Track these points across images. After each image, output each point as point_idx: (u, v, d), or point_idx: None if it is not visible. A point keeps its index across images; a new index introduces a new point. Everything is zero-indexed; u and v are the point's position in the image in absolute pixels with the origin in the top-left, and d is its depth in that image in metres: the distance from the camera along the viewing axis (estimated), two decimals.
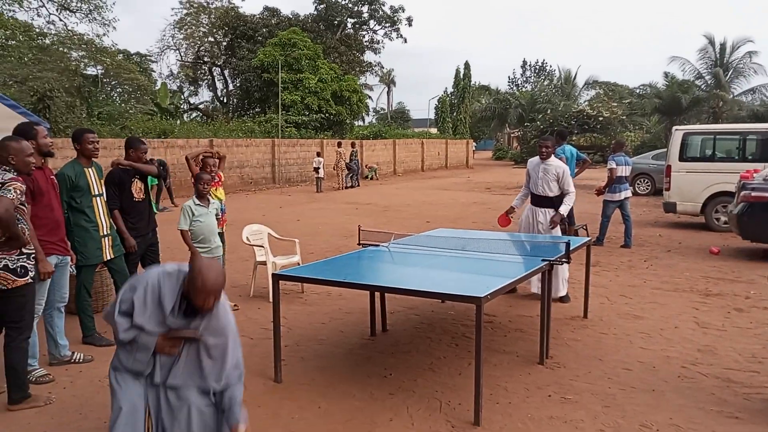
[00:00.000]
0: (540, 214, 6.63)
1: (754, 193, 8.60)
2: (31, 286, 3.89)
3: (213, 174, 6.10)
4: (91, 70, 26.14)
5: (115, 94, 28.33)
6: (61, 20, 27.02)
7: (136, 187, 5.58)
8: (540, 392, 4.20)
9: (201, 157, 6.14)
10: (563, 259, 4.80)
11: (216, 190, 6.13)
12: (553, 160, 6.63)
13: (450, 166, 37.96)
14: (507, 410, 3.90)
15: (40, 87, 18.08)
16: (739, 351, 5.02)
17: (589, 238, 6.22)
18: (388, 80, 67.16)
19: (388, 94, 71.79)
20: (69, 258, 4.67)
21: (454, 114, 48.53)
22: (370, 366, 4.71)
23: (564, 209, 6.48)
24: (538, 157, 6.73)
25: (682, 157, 11.86)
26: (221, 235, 6.04)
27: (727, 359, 4.83)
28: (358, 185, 23.45)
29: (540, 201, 6.65)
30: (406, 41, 45.14)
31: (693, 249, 9.81)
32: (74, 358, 4.76)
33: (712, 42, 35.06)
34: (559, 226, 6.54)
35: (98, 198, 5.07)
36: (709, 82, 35.58)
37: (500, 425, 3.70)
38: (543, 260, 4.67)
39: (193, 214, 5.44)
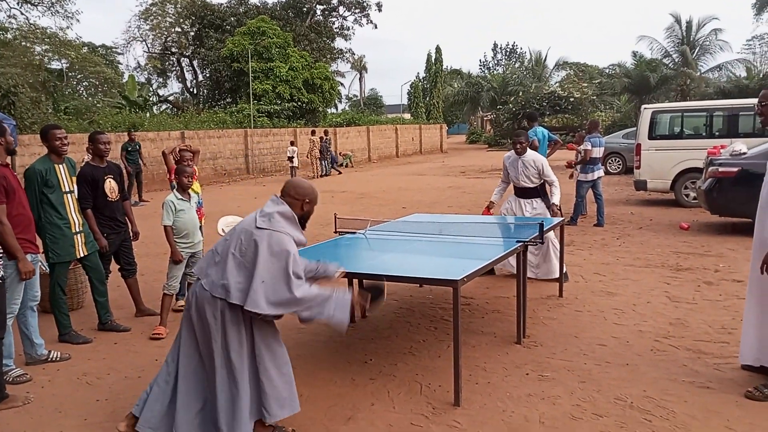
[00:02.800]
0: (526, 204, 6.68)
1: (721, 169, 8.78)
2: (1, 287, 3.84)
3: (191, 165, 6.05)
4: (55, 64, 25.68)
5: (82, 88, 27.86)
6: (22, 14, 26.41)
7: (110, 187, 5.52)
8: (518, 371, 4.28)
9: (178, 150, 6.08)
10: (537, 240, 4.86)
11: (193, 183, 6.08)
12: (529, 153, 6.67)
13: (424, 151, 38.02)
14: (486, 390, 3.97)
15: (3, 83, 17.66)
16: (710, 323, 5.16)
17: (562, 219, 6.30)
18: (360, 67, 66.80)
19: (361, 81, 71.48)
20: (39, 256, 4.61)
21: (427, 99, 48.58)
22: (351, 352, 4.74)
23: (557, 199, 6.52)
24: (512, 152, 6.75)
25: (652, 136, 12.05)
26: (200, 228, 5.99)
27: (698, 331, 4.96)
28: (329, 174, 23.32)
29: (524, 193, 6.72)
30: (376, 27, 45.13)
31: (664, 225, 10.01)
32: (51, 356, 4.71)
33: (678, 20, 35.56)
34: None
35: (69, 195, 5.00)
36: (676, 60, 36.11)
37: (480, 405, 3.76)
38: (518, 241, 4.73)
39: (176, 209, 5.36)
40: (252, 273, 3.10)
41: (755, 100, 3.99)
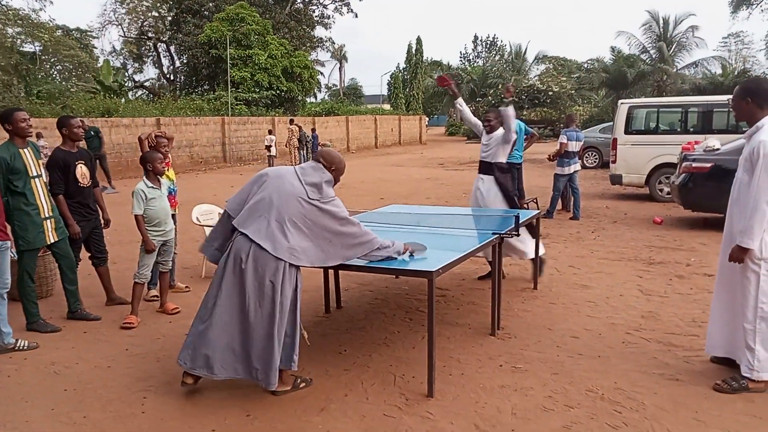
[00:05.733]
0: (481, 182, 6.39)
1: (694, 164, 8.89)
2: None
3: (167, 152, 5.96)
4: (28, 47, 25.07)
5: (55, 72, 27.30)
6: None
7: (81, 172, 5.40)
8: (492, 362, 4.30)
9: (153, 135, 5.95)
10: (513, 233, 4.88)
11: (167, 170, 5.98)
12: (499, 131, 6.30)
13: (403, 143, 38.01)
14: (460, 381, 3.98)
15: None
16: (681, 316, 5.23)
17: (538, 211, 6.33)
18: (340, 56, 66.50)
19: (340, 71, 71.15)
20: (8, 243, 4.50)
21: (407, 90, 48.54)
22: (325, 343, 4.72)
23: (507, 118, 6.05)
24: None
25: (628, 130, 12.17)
26: (173, 216, 5.91)
27: (669, 324, 5.03)
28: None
29: (482, 168, 6.43)
30: (357, 16, 44.97)
31: (638, 219, 10.13)
32: (18, 345, 4.60)
33: (655, 17, 35.90)
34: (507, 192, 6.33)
35: (37, 179, 4.88)
36: (653, 56, 36.50)
37: (453, 396, 3.77)
38: (493, 233, 4.74)
39: (147, 198, 5.20)
40: (316, 237, 3.63)
41: (730, 97, 4.04)
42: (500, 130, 6.34)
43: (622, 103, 12.56)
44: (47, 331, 5.00)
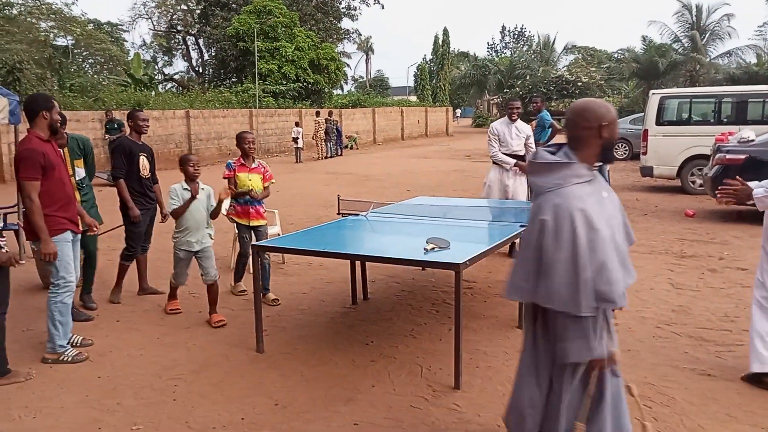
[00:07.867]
0: (508, 177, 7.00)
1: (728, 156, 8.70)
2: (5, 268, 3.84)
3: (250, 149, 5.50)
4: (61, 41, 25.52)
5: (87, 65, 27.74)
6: None
7: (142, 164, 5.63)
8: (518, 355, 4.26)
9: (241, 134, 5.57)
10: None
11: (250, 175, 5.53)
12: (520, 122, 7.16)
13: (430, 134, 37.85)
14: (486, 374, 3.97)
15: (9, 59, 17.64)
16: (712, 310, 5.14)
17: None
18: (366, 48, 66.41)
19: (367, 62, 71.05)
20: (79, 235, 4.56)
21: (434, 81, 48.24)
22: (352, 334, 4.75)
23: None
24: (506, 118, 7.18)
25: (659, 121, 11.95)
26: (251, 229, 5.62)
27: (701, 319, 4.95)
28: (333, 156, 23.30)
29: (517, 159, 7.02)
30: (383, 7, 44.74)
31: (669, 212, 9.96)
32: (72, 340, 4.61)
33: (688, 6, 35.14)
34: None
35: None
36: (686, 45, 35.75)
37: (480, 388, 3.76)
38: (521, 225, 4.71)
39: (180, 197, 5.00)
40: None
41: (765, 87, 3.96)
42: (525, 125, 7.15)
43: (653, 94, 12.33)
44: (81, 320, 5.09)
